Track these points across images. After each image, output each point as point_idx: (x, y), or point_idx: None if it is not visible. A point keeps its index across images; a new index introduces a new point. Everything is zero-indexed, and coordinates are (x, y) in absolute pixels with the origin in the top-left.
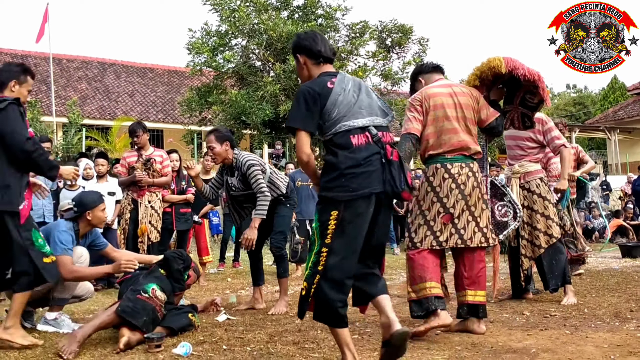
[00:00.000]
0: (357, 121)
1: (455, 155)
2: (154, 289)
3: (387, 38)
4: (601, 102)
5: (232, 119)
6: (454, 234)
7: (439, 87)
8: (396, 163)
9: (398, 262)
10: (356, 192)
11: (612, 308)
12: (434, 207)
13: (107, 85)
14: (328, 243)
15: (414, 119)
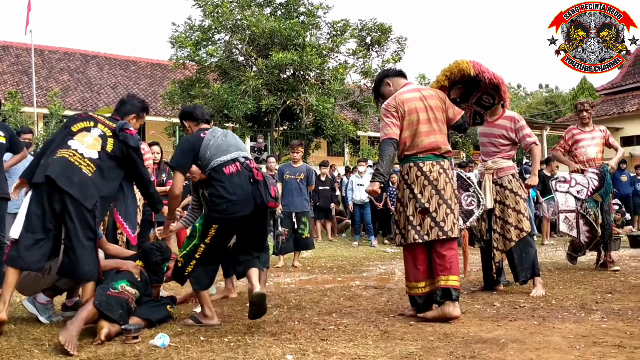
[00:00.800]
0: (226, 156)
1: (427, 154)
2: (123, 286)
3: (367, 36)
4: (571, 102)
5: (214, 112)
6: (434, 227)
7: (410, 92)
8: (261, 182)
9: (375, 254)
10: (231, 214)
11: (579, 300)
12: (411, 203)
13: (90, 77)
14: (207, 242)
15: (392, 124)
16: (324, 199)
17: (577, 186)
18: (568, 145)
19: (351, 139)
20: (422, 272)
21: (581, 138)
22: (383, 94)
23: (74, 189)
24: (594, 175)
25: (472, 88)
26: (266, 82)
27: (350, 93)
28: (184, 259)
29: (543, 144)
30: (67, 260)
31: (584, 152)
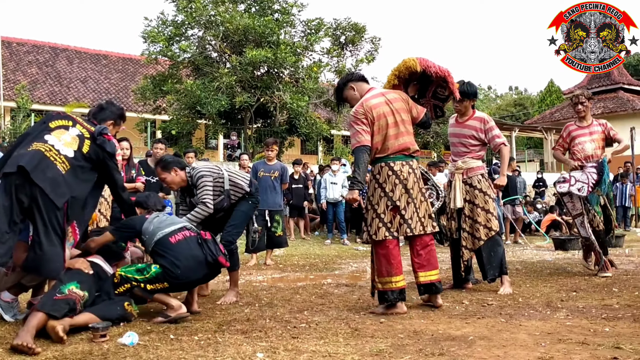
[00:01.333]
0: (171, 227)
1: (398, 155)
2: (71, 289)
3: (342, 36)
4: (539, 104)
5: (186, 109)
6: (403, 224)
7: (375, 97)
8: (210, 240)
9: (347, 252)
10: (184, 280)
11: (545, 298)
12: (382, 202)
13: (59, 71)
14: (149, 289)
15: (363, 131)
16: (298, 197)
17: (577, 184)
18: (566, 143)
19: (325, 137)
20: (395, 267)
21: (578, 134)
22: (346, 98)
23: (47, 184)
24: (593, 170)
25: (426, 83)
26: (240, 79)
27: (324, 92)
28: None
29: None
30: (32, 256)
31: (581, 148)
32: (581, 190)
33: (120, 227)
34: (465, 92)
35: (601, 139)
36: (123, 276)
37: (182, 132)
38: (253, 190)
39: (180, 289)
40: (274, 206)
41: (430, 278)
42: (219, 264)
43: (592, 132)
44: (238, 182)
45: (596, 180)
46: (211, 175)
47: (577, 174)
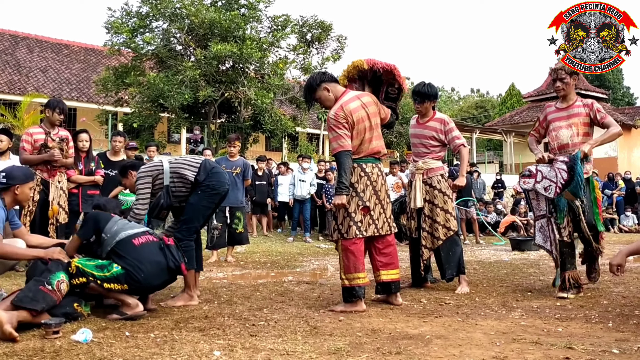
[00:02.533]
0: (136, 229)
1: (369, 157)
2: (60, 281)
3: (308, 33)
4: (500, 107)
5: (149, 102)
6: (371, 224)
7: (352, 101)
8: (172, 246)
9: (309, 250)
10: (144, 285)
11: (501, 297)
12: (354, 201)
13: (19, 60)
14: (105, 287)
15: (346, 135)
16: (261, 194)
17: (544, 182)
18: (542, 129)
19: (290, 134)
20: (362, 263)
21: (554, 118)
22: (319, 98)
23: None
24: (563, 165)
25: (377, 85)
26: (204, 73)
27: (289, 88)
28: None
29: (472, 146)
30: None
31: (556, 136)
32: (548, 190)
33: (84, 224)
34: (426, 94)
35: (583, 123)
36: (80, 269)
37: (144, 126)
38: (202, 179)
39: (138, 293)
40: (235, 203)
41: (391, 277)
42: (179, 271)
43: (571, 114)
44: (182, 173)
45: (565, 179)
46: (149, 175)
47: (545, 169)
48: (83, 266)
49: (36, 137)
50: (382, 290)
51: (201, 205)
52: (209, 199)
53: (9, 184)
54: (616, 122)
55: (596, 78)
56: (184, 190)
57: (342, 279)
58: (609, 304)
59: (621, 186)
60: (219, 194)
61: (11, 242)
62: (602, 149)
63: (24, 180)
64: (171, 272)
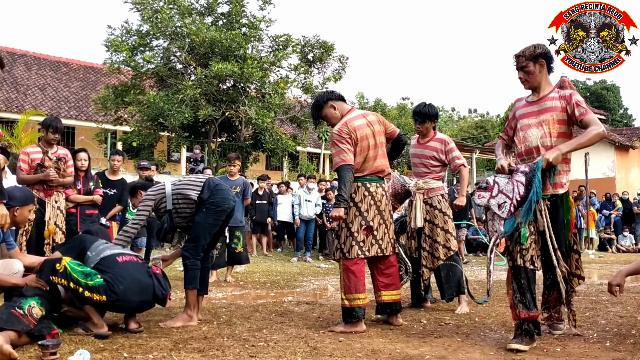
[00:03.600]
0: (122, 250)
1: (373, 176)
2: (31, 307)
3: (309, 53)
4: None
5: (149, 120)
6: (374, 244)
7: (357, 118)
8: (160, 275)
9: (309, 270)
10: (122, 299)
11: (500, 317)
12: (357, 220)
13: (16, 77)
14: (85, 296)
15: (348, 150)
16: (261, 213)
17: (500, 196)
18: (511, 129)
19: (290, 153)
20: (363, 284)
21: (523, 114)
22: (326, 116)
23: None
24: (522, 177)
25: None
26: (205, 92)
27: (290, 108)
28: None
29: (472, 166)
30: None
31: (523, 137)
32: (502, 208)
33: (69, 244)
34: (427, 114)
35: (558, 120)
36: (67, 271)
37: (143, 144)
38: (206, 196)
39: (115, 309)
40: (235, 222)
41: (393, 297)
42: (164, 301)
43: (543, 109)
44: (186, 193)
45: (522, 195)
46: (153, 198)
47: (503, 181)
48: (71, 269)
49: (33, 156)
50: (383, 310)
51: (207, 223)
52: (215, 217)
53: (9, 205)
54: (614, 143)
55: (595, 99)
56: (188, 211)
57: (342, 299)
58: (607, 324)
59: (619, 206)
60: (224, 210)
61: (7, 263)
62: (599, 169)
63: (23, 202)
64: (155, 298)
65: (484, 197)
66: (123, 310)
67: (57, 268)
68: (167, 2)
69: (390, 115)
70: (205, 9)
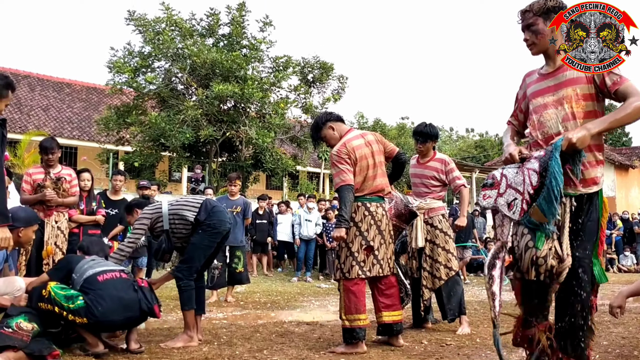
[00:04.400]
0: (105, 267)
1: (373, 196)
2: (18, 323)
3: (309, 73)
4: (498, 147)
5: (150, 141)
6: (376, 264)
7: (356, 139)
8: (146, 288)
9: (310, 290)
10: (102, 320)
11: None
12: (357, 240)
13: (20, 98)
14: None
15: (348, 170)
16: (261, 233)
17: (509, 192)
18: (521, 112)
19: (290, 173)
20: (363, 305)
21: (535, 91)
22: (324, 137)
23: None
24: (535, 164)
25: None
26: (206, 112)
27: (290, 128)
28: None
29: (473, 185)
30: None
31: (537, 121)
32: (512, 207)
33: (57, 265)
34: (428, 134)
35: (582, 96)
36: (52, 296)
37: (145, 164)
38: (203, 218)
39: (99, 329)
40: (235, 242)
41: (394, 318)
42: (152, 313)
43: (562, 83)
44: (182, 214)
45: (535, 186)
46: (149, 217)
47: (511, 172)
48: (54, 293)
49: (35, 177)
50: (384, 331)
51: (202, 245)
52: (211, 238)
53: (13, 227)
54: (613, 162)
55: None
56: (184, 232)
57: (342, 319)
58: (609, 345)
59: (619, 226)
60: (219, 233)
61: (10, 281)
62: None
63: (27, 223)
64: (142, 313)
65: (490, 196)
66: (110, 330)
67: (43, 294)
68: (169, 24)
69: (390, 135)
70: (207, 30)
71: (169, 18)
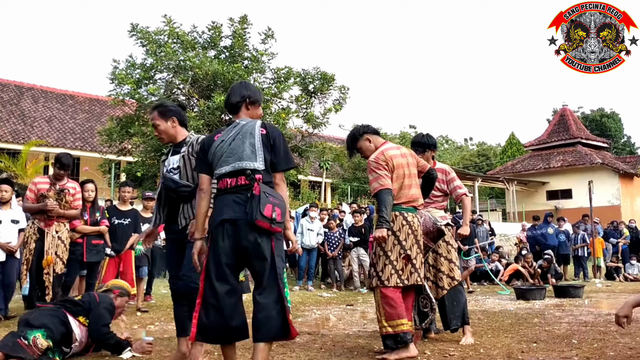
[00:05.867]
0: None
1: (409, 206)
2: (36, 337)
3: (310, 84)
4: (500, 156)
5: (153, 151)
6: (414, 273)
7: (393, 149)
8: (257, 197)
9: (311, 299)
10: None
11: (506, 349)
12: (395, 249)
13: (23, 109)
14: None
15: (386, 176)
16: None
17: None
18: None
19: (292, 182)
20: (404, 310)
21: None
22: (360, 148)
23: None
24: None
25: None
26: (207, 122)
27: (291, 137)
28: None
29: (475, 194)
30: None
31: None
32: None
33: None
34: (426, 144)
35: None
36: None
37: (147, 174)
38: None
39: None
40: None
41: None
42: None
43: None
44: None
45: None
46: None
47: None
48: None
49: (40, 186)
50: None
51: None
52: None
53: None
54: (618, 170)
55: (595, 127)
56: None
57: (383, 326)
58: (616, 355)
59: (626, 234)
60: None
61: None
62: (604, 197)
63: None
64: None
65: None
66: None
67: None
68: (171, 37)
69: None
70: (208, 42)
71: (171, 31)
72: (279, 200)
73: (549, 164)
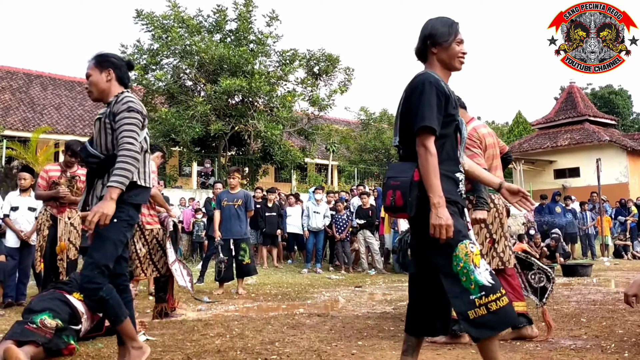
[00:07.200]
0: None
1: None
2: (42, 320)
3: (315, 66)
4: (507, 135)
5: (161, 136)
6: (495, 257)
7: (483, 127)
8: None
9: (320, 281)
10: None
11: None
12: (482, 233)
13: (33, 97)
14: None
15: (480, 155)
16: (271, 225)
17: None
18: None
19: (299, 165)
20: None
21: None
22: None
23: None
24: None
25: None
26: (214, 107)
27: (298, 120)
28: None
29: None
30: None
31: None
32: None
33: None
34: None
35: None
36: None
37: None
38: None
39: None
40: (239, 234)
41: (518, 309)
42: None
43: None
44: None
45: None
46: (143, 119)
47: None
48: None
49: (51, 174)
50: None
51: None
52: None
53: None
54: (626, 148)
55: (603, 104)
56: None
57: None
58: (625, 334)
59: (634, 212)
60: None
61: None
62: (612, 174)
63: None
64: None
65: None
66: None
67: None
68: (177, 22)
69: None
70: (214, 27)
71: (177, 15)
72: None
73: (557, 142)
